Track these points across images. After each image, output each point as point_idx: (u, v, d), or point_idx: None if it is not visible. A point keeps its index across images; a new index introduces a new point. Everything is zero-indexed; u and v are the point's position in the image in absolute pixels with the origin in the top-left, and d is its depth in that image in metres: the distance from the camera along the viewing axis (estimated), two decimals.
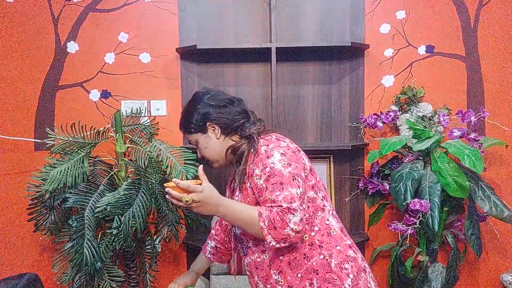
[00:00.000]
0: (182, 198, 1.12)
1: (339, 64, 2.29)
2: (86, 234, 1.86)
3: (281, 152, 1.25)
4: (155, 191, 2.01)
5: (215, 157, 1.40)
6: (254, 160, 1.28)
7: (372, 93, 2.29)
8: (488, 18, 2.24)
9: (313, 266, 1.23)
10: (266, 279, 1.29)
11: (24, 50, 2.24)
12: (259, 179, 1.23)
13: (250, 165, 1.28)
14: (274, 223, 1.16)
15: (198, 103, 1.39)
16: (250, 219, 1.19)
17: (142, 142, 2.06)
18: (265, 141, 1.31)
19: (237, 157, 1.36)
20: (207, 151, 1.40)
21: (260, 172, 1.23)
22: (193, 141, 1.41)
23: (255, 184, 1.24)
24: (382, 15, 2.26)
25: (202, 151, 1.41)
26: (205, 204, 1.16)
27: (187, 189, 1.13)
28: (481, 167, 1.82)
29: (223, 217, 1.24)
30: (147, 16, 2.25)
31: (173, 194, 1.13)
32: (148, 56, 2.27)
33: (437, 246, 2.09)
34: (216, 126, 1.37)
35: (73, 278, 1.95)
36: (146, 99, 2.29)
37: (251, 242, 1.32)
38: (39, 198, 2.01)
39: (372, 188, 2.22)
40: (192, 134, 1.40)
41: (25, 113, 2.26)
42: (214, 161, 1.41)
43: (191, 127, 1.39)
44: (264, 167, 1.23)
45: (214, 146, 1.38)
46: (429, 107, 2.19)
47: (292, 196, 1.17)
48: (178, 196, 1.13)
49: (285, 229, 1.15)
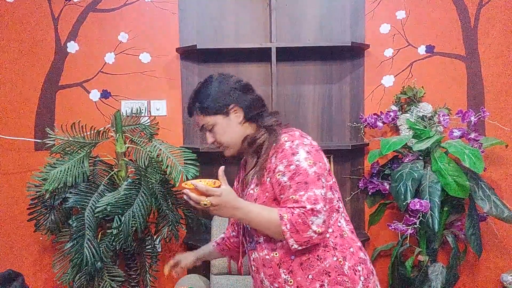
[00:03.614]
0: (200, 201, 1.10)
1: (339, 64, 2.29)
2: (86, 234, 1.86)
3: (306, 150, 1.20)
4: (155, 191, 2.01)
5: (231, 144, 1.31)
6: (276, 155, 1.22)
7: (372, 93, 2.29)
8: (488, 18, 2.24)
9: (325, 268, 1.20)
10: (274, 277, 1.24)
11: (24, 50, 2.24)
12: (282, 176, 1.18)
13: (271, 159, 1.22)
14: (296, 226, 1.13)
15: (222, 84, 1.30)
16: (270, 223, 1.16)
17: (142, 142, 2.06)
18: (289, 136, 1.24)
19: (255, 148, 1.30)
20: (224, 136, 1.30)
21: (284, 169, 1.18)
22: (208, 124, 1.29)
23: (277, 180, 1.19)
24: (382, 15, 2.26)
25: (218, 136, 1.30)
26: (223, 208, 1.13)
27: (206, 192, 1.10)
28: (481, 167, 1.82)
29: (242, 220, 1.21)
30: (147, 16, 2.25)
31: (192, 196, 1.11)
32: (148, 56, 2.27)
33: (437, 246, 2.09)
34: (239, 110, 1.29)
35: (73, 278, 1.95)
36: (146, 99, 2.29)
37: (262, 238, 1.27)
38: (39, 198, 2.01)
39: (372, 188, 2.22)
40: (210, 116, 1.28)
41: (25, 113, 2.26)
42: (228, 147, 1.32)
43: (213, 107, 1.28)
44: (289, 164, 1.18)
45: (233, 132, 1.29)
46: (429, 107, 2.19)
47: (316, 197, 1.14)
48: (197, 199, 1.11)
49: (307, 231, 1.13)
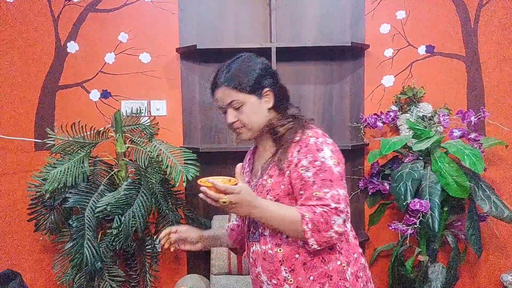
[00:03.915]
0: (219, 199, 1.08)
1: (339, 64, 2.29)
2: (86, 234, 1.86)
3: (331, 149, 1.18)
4: (155, 191, 2.01)
5: (254, 127, 1.25)
6: (300, 149, 1.18)
7: (372, 93, 2.29)
8: (488, 18, 2.24)
9: (328, 270, 1.18)
10: (273, 273, 1.21)
11: (24, 50, 2.24)
12: (306, 171, 1.14)
13: (293, 153, 1.19)
14: (318, 226, 1.10)
15: (260, 65, 1.26)
16: (291, 222, 1.12)
17: (142, 142, 2.06)
18: (313, 132, 1.21)
19: (276, 137, 1.25)
20: (250, 118, 1.23)
21: (308, 164, 1.15)
22: (238, 101, 1.22)
23: (299, 175, 1.15)
24: (382, 15, 2.26)
25: (243, 116, 1.23)
26: (241, 206, 1.10)
27: (225, 191, 1.08)
28: (481, 167, 1.82)
29: (259, 219, 1.16)
30: (147, 16, 2.25)
31: (210, 195, 1.08)
32: (148, 56, 2.27)
33: (437, 246, 2.09)
34: (271, 95, 1.25)
35: (74, 278, 1.95)
36: (146, 99, 2.29)
37: (268, 231, 1.23)
38: (39, 198, 2.01)
39: (372, 188, 2.22)
40: (244, 94, 1.22)
41: (25, 113, 2.26)
42: (250, 130, 1.25)
43: (249, 86, 1.22)
44: (314, 160, 1.15)
45: (260, 115, 1.24)
46: (429, 107, 2.19)
47: (339, 196, 1.12)
48: (215, 197, 1.08)
49: (329, 231, 1.10)
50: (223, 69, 1.26)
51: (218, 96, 1.26)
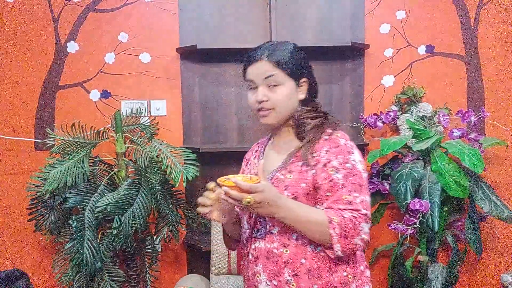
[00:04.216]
0: (243, 199, 1.02)
1: (339, 64, 2.29)
2: (86, 234, 1.86)
3: (359, 153, 1.15)
4: (155, 191, 2.01)
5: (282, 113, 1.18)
6: (329, 149, 1.13)
7: (372, 93, 2.29)
8: (488, 18, 2.24)
9: (333, 281, 1.13)
10: (274, 274, 1.15)
11: (24, 50, 2.24)
12: (336, 173, 1.10)
13: (320, 152, 1.13)
14: (346, 231, 1.05)
15: (304, 55, 1.22)
16: (317, 225, 1.07)
17: (142, 142, 2.06)
18: (342, 134, 1.18)
19: (301, 131, 1.20)
20: (283, 102, 1.17)
21: (338, 165, 1.10)
22: (276, 80, 1.16)
23: (329, 176, 1.10)
24: (382, 15, 2.26)
25: (277, 97, 1.16)
26: (265, 205, 1.04)
27: (249, 190, 1.02)
28: (481, 167, 1.82)
29: (282, 219, 1.08)
30: (147, 16, 2.25)
31: (233, 195, 1.02)
32: (148, 56, 2.27)
33: (437, 246, 2.09)
34: (306, 87, 1.21)
35: (73, 278, 1.95)
36: (146, 99, 2.29)
37: (277, 228, 1.16)
38: (39, 198, 2.01)
39: (372, 188, 2.22)
40: (283, 74, 1.16)
41: (25, 113, 2.26)
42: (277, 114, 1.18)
43: (292, 69, 1.17)
44: (345, 162, 1.11)
45: (292, 103, 1.19)
46: (429, 107, 2.19)
47: (367, 203, 1.09)
48: (239, 197, 1.02)
49: (356, 238, 1.06)
50: (267, 46, 1.20)
51: (254, 70, 1.18)
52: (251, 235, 1.22)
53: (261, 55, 1.17)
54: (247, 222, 1.24)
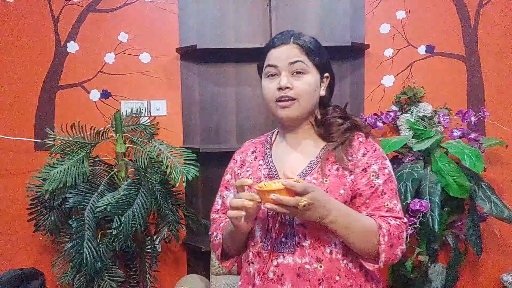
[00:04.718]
0: (299, 202, 0.88)
1: (339, 64, 2.29)
2: (86, 234, 1.86)
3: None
4: (155, 191, 2.01)
5: (306, 106, 1.06)
6: (366, 152, 1.06)
7: (372, 93, 2.29)
8: (488, 18, 2.24)
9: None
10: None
11: (24, 50, 2.23)
12: (376, 178, 1.03)
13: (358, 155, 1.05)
14: (392, 240, 0.97)
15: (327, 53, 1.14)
16: (368, 232, 0.97)
17: (142, 142, 2.06)
18: (372, 139, 1.13)
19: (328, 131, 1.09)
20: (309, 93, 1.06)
21: (378, 171, 1.04)
22: (303, 68, 1.06)
23: (370, 181, 1.02)
24: (382, 15, 2.26)
25: (302, 85, 1.05)
26: (317, 207, 0.91)
27: (304, 190, 0.88)
28: (481, 167, 1.82)
29: (331, 224, 0.95)
30: (147, 16, 2.25)
31: (285, 201, 0.87)
32: (148, 56, 2.27)
33: (438, 246, 2.09)
34: (326, 84, 1.13)
35: (73, 278, 1.95)
36: (146, 99, 2.29)
37: (309, 240, 1.01)
38: (39, 198, 2.01)
39: None
40: (311, 63, 1.07)
41: (25, 113, 2.26)
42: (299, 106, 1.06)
43: (320, 59, 1.10)
44: (383, 167, 1.05)
45: (315, 97, 1.09)
46: (429, 107, 2.19)
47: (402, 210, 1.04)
48: (293, 202, 0.87)
49: (399, 247, 0.99)
50: (292, 32, 1.11)
51: (278, 53, 1.07)
52: (272, 250, 1.04)
53: (291, 39, 1.08)
54: (265, 233, 1.07)
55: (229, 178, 1.21)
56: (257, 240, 1.08)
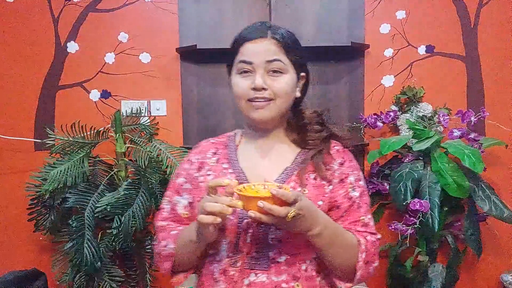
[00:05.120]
0: (289, 213, 0.78)
1: (339, 64, 2.29)
2: (86, 234, 1.86)
3: None
4: (155, 191, 2.01)
5: (282, 107, 0.97)
6: (344, 162, 0.99)
7: (372, 93, 2.29)
8: (488, 18, 2.24)
9: None
10: None
11: (24, 50, 2.24)
12: (353, 190, 0.97)
13: (334, 164, 0.98)
14: (368, 257, 0.92)
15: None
16: (349, 247, 0.91)
17: (142, 142, 2.06)
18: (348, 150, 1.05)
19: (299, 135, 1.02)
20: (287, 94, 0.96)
21: (355, 182, 0.98)
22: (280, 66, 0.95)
23: (347, 193, 0.96)
24: (382, 15, 2.26)
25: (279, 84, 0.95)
26: (305, 218, 0.83)
27: (295, 199, 0.79)
28: (481, 167, 1.82)
29: (315, 237, 0.86)
30: (147, 16, 2.25)
31: (276, 210, 0.77)
32: (148, 56, 2.27)
33: (437, 246, 2.09)
34: (302, 82, 1.03)
35: (73, 278, 1.95)
36: (146, 99, 2.29)
37: (284, 256, 0.92)
38: (39, 198, 2.01)
39: (372, 188, 2.22)
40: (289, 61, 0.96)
41: (25, 113, 2.26)
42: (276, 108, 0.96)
43: (298, 57, 0.98)
44: (359, 179, 0.99)
45: (291, 98, 0.99)
46: (429, 107, 2.19)
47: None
48: (283, 212, 0.78)
49: (373, 265, 0.93)
50: (269, 24, 0.99)
51: (254, 48, 0.95)
52: (242, 267, 0.92)
53: (266, 32, 0.96)
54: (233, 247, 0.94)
55: (183, 182, 1.05)
56: (223, 255, 0.95)
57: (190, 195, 1.03)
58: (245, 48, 0.97)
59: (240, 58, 0.97)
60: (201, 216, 0.82)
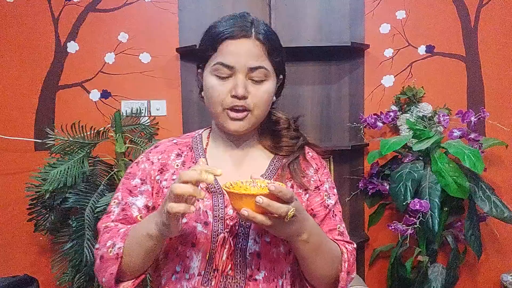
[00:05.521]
0: (289, 211, 0.70)
1: (339, 64, 2.29)
2: (86, 234, 1.86)
3: None
4: None
5: (260, 116, 0.89)
6: (318, 168, 0.95)
7: (372, 93, 2.29)
8: (488, 18, 2.24)
9: None
10: None
11: (24, 50, 2.24)
12: (328, 198, 0.92)
13: (309, 170, 0.93)
14: (349, 267, 0.86)
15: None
16: (334, 256, 0.85)
17: (142, 142, 2.06)
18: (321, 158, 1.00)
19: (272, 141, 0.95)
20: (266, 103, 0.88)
21: (329, 190, 0.94)
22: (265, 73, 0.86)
23: (323, 201, 0.91)
24: (382, 15, 2.26)
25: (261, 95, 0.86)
26: (298, 220, 0.76)
27: (291, 197, 0.71)
28: (481, 167, 1.81)
29: (303, 243, 0.79)
30: (147, 16, 2.25)
31: (274, 207, 0.69)
32: (148, 56, 2.27)
33: (437, 246, 2.09)
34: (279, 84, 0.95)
35: (73, 278, 1.95)
36: (146, 99, 2.29)
37: (263, 272, 0.84)
38: (39, 198, 2.01)
39: (372, 188, 2.22)
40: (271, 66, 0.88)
41: (25, 113, 2.26)
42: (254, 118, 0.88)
43: (280, 61, 0.91)
44: (333, 186, 0.95)
45: (269, 106, 0.91)
46: (429, 107, 2.19)
47: None
48: (284, 210, 0.70)
49: (351, 275, 0.87)
50: (256, 19, 0.90)
51: (238, 50, 0.83)
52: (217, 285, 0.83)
53: (249, 30, 0.85)
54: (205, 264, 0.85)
55: (138, 184, 0.93)
56: (194, 273, 0.85)
57: (149, 198, 0.92)
58: (224, 47, 0.84)
59: (219, 59, 0.85)
60: (171, 204, 0.70)
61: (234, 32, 0.84)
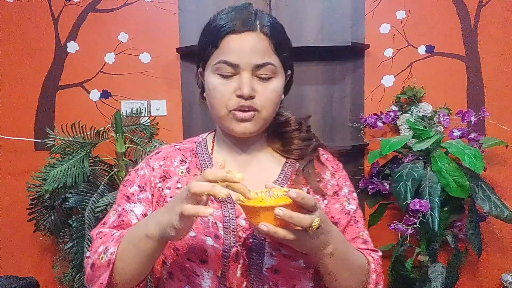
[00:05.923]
0: (313, 221, 0.63)
1: (339, 64, 2.29)
2: (87, 234, 1.86)
3: None
4: None
5: (268, 117, 0.82)
6: (335, 172, 0.88)
7: (372, 93, 2.29)
8: (488, 18, 2.24)
9: None
10: None
11: (24, 50, 2.24)
12: (348, 204, 0.86)
13: (325, 174, 0.87)
14: (377, 277, 0.79)
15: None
16: (361, 268, 0.78)
17: (142, 142, 2.06)
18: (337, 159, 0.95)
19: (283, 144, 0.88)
20: (275, 102, 0.81)
21: (348, 195, 0.87)
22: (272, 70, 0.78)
23: (343, 207, 0.84)
24: (382, 15, 2.26)
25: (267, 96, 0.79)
26: (323, 231, 0.68)
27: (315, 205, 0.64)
28: (481, 167, 1.81)
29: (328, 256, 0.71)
30: (147, 16, 2.25)
31: (296, 218, 0.61)
32: (148, 56, 2.27)
33: (438, 246, 2.09)
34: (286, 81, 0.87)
35: (74, 278, 1.95)
36: (146, 99, 2.29)
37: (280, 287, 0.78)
38: (39, 198, 2.01)
39: (372, 188, 2.22)
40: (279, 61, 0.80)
41: (25, 113, 2.26)
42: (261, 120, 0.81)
43: (288, 56, 0.82)
44: (352, 190, 0.89)
45: (277, 105, 0.84)
46: (429, 107, 2.19)
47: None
48: (307, 221, 0.62)
49: (379, 286, 0.81)
50: (260, 10, 0.80)
51: (242, 45, 0.75)
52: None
53: (254, 23, 0.76)
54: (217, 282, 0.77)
55: (137, 191, 0.86)
56: (206, 284, 0.78)
57: (148, 206, 0.84)
58: (226, 42, 0.76)
59: (222, 56, 0.77)
60: (186, 206, 0.62)
61: (236, 26, 0.75)
